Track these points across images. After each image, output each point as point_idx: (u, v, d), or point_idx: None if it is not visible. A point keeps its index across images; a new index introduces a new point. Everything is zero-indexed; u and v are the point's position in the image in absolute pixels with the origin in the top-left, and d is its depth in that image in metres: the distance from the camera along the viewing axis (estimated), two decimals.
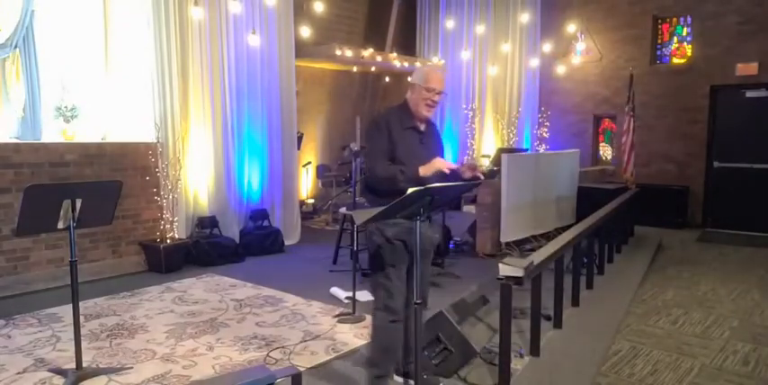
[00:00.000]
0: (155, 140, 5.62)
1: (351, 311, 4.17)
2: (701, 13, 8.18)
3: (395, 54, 9.00)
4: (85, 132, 5.74)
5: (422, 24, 10.20)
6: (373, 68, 9.24)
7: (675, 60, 8.61)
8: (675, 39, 8.61)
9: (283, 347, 3.59)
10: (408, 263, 2.86)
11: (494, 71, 9.41)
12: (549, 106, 9.38)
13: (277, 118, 6.82)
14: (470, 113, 9.69)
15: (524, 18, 8.98)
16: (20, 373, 3.20)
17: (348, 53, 7.95)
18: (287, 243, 6.68)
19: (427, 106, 2.85)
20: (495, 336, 3.48)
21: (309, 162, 8.87)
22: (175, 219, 5.72)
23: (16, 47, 5.23)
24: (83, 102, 5.71)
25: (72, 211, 2.97)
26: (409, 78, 2.96)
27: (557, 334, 3.82)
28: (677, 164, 8.46)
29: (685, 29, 8.51)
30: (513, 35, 9.36)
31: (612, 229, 5.74)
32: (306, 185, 8.85)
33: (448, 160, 2.85)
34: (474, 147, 9.75)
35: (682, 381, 3.31)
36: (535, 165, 6.22)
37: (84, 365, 3.17)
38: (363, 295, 4.33)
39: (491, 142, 9.71)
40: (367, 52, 8.28)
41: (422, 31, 10.20)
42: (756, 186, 7.86)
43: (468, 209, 8.87)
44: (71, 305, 3.12)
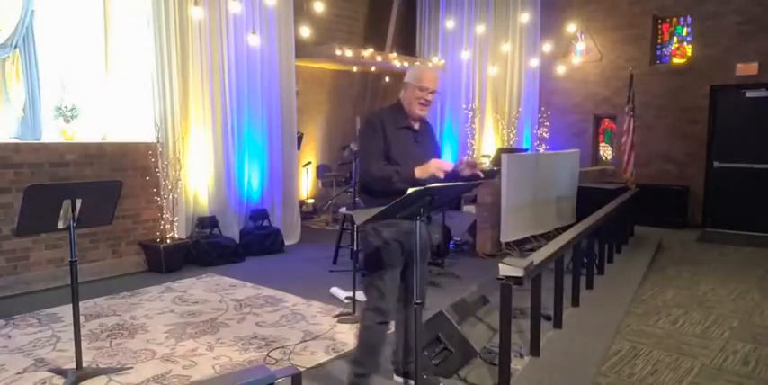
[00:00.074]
0: (155, 140, 5.62)
1: (351, 311, 4.17)
2: (700, 13, 8.18)
3: (395, 54, 8.99)
4: (85, 132, 5.74)
5: (422, 24, 10.19)
6: (373, 68, 9.23)
7: (675, 60, 8.61)
8: (675, 39, 8.61)
9: (283, 347, 3.59)
10: (403, 264, 2.86)
11: (494, 71, 9.41)
12: (549, 106, 9.39)
13: (277, 118, 6.82)
14: (470, 113, 9.68)
15: (524, 18, 8.99)
16: (20, 373, 3.20)
17: (348, 53, 7.95)
18: (287, 243, 6.68)
19: (421, 105, 2.84)
20: (495, 336, 3.47)
21: (309, 162, 8.87)
22: (175, 219, 5.72)
23: (16, 47, 5.23)
24: (83, 102, 5.70)
25: (72, 211, 2.97)
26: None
27: (557, 334, 3.82)
28: (677, 164, 8.47)
29: (685, 29, 8.51)
30: (513, 35, 9.36)
31: (612, 229, 5.74)
32: (306, 185, 8.85)
33: (446, 160, 2.82)
34: (474, 147, 9.75)
35: (682, 381, 3.30)
36: (535, 165, 6.22)
37: (84, 365, 3.17)
38: (363, 295, 4.31)
39: (491, 142, 9.71)
40: (367, 52, 8.27)
41: (422, 31, 10.19)
42: (756, 186, 7.86)
43: (468, 209, 8.87)
44: (71, 305, 3.12)
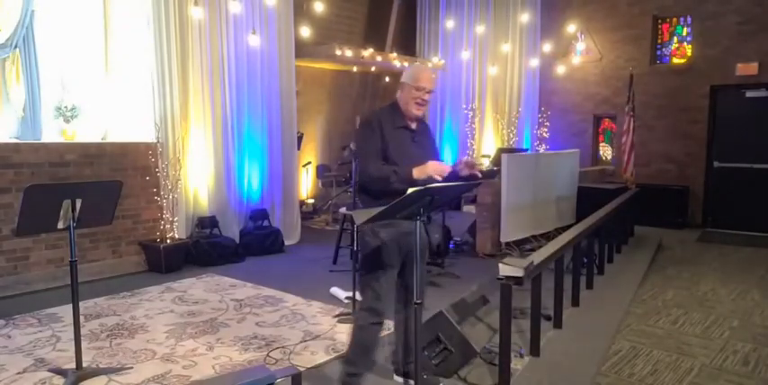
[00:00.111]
0: (155, 140, 5.62)
1: (351, 311, 4.17)
2: (700, 13, 8.18)
3: (395, 54, 8.98)
4: (85, 132, 5.74)
5: (422, 24, 10.19)
6: (373, 68, 9.22)
7: (675, 60, 8.61)
8: (675, 39, 8.61)
9: (283, 347, 3.59)
10: (401, 264, 2.86)
11: (494, 71, 9.41)
12: (549, 106, 9.39)
13: (277, 118, 6.82)
14: (470, 113, 9.69)
15: (524, 18, 8.99)
16: (20, 373, 3.20)
17: (348, 53, 7.95)
18: (287, 243, 6.68)
19: (417, 105, 2.84)
20: (495, 336, 3.47)
21: (309, 162, 8.87)
22: (175, 219, 5.72)
23: (16, 47, 5.23)
24: (83, 102, 5.70)
25: (72, 211, 2.96)
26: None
27: (557, 334, 3.82)
28: (677, 164, 8.47)
29: (685, 29, 8.51)
30: (513, 35, 9.36)
31: (612, 229, 5.74)
32: (306, 185, 8.85)
33: (444, 163, 2.81)
34: (474, 147, 9.75)
35: (682, 381, 3.31)
36: (535, 165, 6.22)
37: (84, 365, 3.17)
38: (359, 295, 4.32)
39: (491, 142, 9.71)
40: (367, 52, 8.27)
41: (422, 31, 10.19)
42: (756, 186, 7.86)
43: (468, 209, 8.87)
44: (71, 305, 3.12)
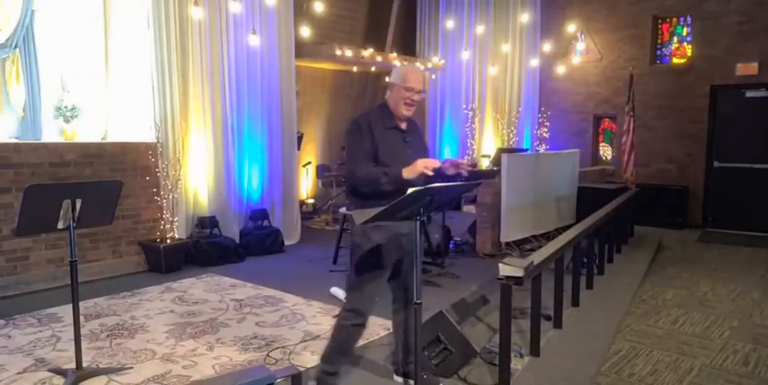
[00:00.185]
0: (155, 140, 5.62)
1: None
2: (701, 13, 8.18)
3: (395, 54, 8.99)
4: (85, 132, 5.74)
5: (422, 24, 10.19)
6: (373, 68, 9.23)
7: (675, 60, 8.61)
8: (675, 39, 8.61)
9: (283, 347, 3.59)
10: (393, 266, 2.86)
11: (494, 71, 9.41)
12: (549, 106, 9.39)
13: (277, 118, 6.82)
14: (470, 113, 9.69)
15: (524, 18, 8.99)
16: (20, 373, 3.20)
17: (348, 53, 7.95)
18: (287, 243, 6.68)
19: (407, 105, 2.84)
20: (495, 336, 3.48)
21: (309, 162, 8.87)
22: (175, 219, 5.72)
23: (16, 47, 5.23)
24: (83, 102, 5.71)
25: (72, 211, 2.96)
26: (387, 78, 2.93)
27: (557, 334, 3.82)
28: (677, 164, 8.46)
29: (685, 29, 8.51)
30: (513, 35, 9.36)
31: (612, 229, 5.74)
32: (306, 185, 8.85)
33: (432, 158, 2.81)
34: (474, 147, 9.76)
35: (682, 381, 3.31)
36: (535, 165, 6.22)
37: (84, 365, 3.17)
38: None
39: (491, 142, 9.71)
40: (367, 52, 8.27)
41: (422, 31, 10.19)
42: (756, 186, 7.86)
43: (468, 209, 8.87)
44: (71, 305, 3.12)
